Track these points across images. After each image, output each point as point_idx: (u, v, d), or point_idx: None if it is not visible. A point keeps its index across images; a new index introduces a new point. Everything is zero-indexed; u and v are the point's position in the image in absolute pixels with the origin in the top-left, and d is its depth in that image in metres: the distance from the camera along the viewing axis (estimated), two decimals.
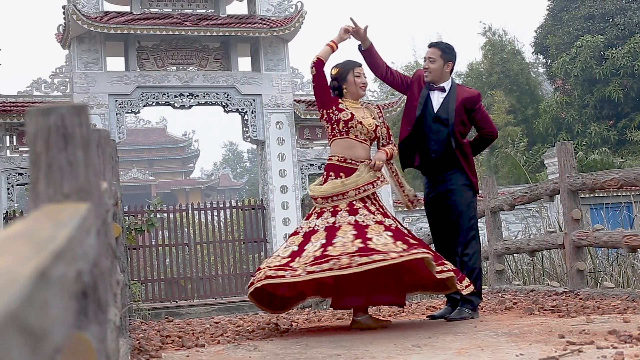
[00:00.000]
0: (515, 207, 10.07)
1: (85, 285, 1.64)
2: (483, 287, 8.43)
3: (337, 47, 7.00)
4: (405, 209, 7.07)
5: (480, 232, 7.40)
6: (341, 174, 6.64)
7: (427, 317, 7.15)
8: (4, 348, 0.84)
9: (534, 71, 42.23)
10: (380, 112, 7.03)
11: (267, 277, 6.16)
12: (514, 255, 11.48)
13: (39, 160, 1.74)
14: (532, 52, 40.23)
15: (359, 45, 7.13)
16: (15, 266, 0.99)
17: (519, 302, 7.72)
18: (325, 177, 6.72)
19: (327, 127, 6.81)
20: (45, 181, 1.74)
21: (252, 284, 6.37)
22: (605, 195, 20.29)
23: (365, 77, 6.93)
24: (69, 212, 1.57)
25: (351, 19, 7.08)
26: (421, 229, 22.55)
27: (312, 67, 6.82)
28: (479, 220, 7.99)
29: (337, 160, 6.73)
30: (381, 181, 6.72)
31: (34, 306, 0.95)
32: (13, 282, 0.92)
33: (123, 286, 4.96)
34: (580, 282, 8.30)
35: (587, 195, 19.20)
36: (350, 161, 6.70)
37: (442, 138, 6.96)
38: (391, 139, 7.01)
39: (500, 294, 9.13)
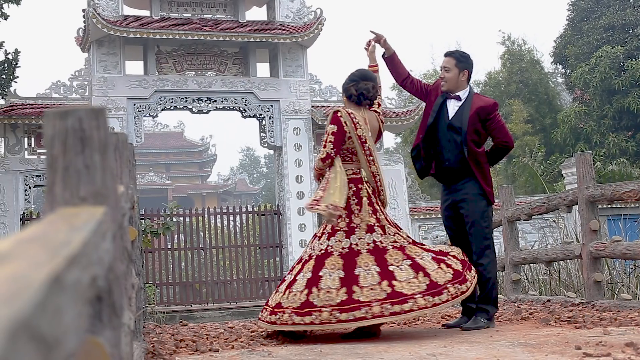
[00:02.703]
0: (533, 217, 10.02)
1: (100, 290, 1.63)
2: (499, 296, 8.39)
3: (376, 66, 7.23)
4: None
5: (496, 241, 7.37)
6: None
7: (443, 325, 7.13)
8: (15, 356, 0.82)
9: (553, 81, 42.04)
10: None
11: (294, 323, 6.18)
12: (531, 265, 11.43)
13: (56, 163, 1.73)
14: (551, 62, 40.03)
15: (383, 53, 7.26)
16: (29, 271, 0.97)
17: (535, 313, 7.68)
18: None
19: None
20: (61, 184, 1.73)
21: (273, 322, 6.36)
22: (623, 206, 20.18)
23: None
24: (85, 216, 1.55)
25: (371, 31, 7.24)
26: (437, 237, 22.50)
27: None
28: (495, 229, 7.95)
29: None
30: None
31: (47, 313, 0.94)
32: (26, 287, 0.91)
33: (138, 290, 4.95)
34: (597, 293, 8.25)
35: (605, 206, 19.10)
36: None
37: (456, 147, 6.94)
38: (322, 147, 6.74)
39: (516, 304, 9.09)
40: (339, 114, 6.69)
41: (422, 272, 6.21)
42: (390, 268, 6.21)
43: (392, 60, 7.24)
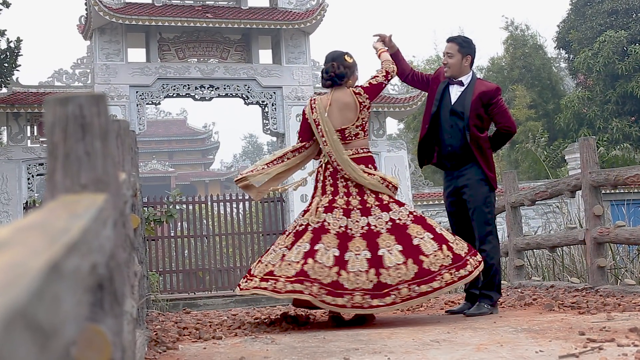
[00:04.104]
0: (536, 203, 10.00)
1: (100, 278, 1.62)
2: (502, 282, 8.39)
3: (383, 48, 7.17)
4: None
5: (500, 227, 7.34)
6: None
7: (446, 312, 7.12)
8: (11, 346, 0.81)
9: (556, 66, 41.96)
10: None
11: (257, 287, 6.30)
12: (534, 250, 11.41)
13: (57, 150, 1.71)
14: (554, 47, 39.97)
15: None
16: (27, 259, 0.96)
17: (539, 298, 7.67)
18: (376, 167, 6.84)
19: (366, 121, 6.80)
20: (62, 171, 1.72)
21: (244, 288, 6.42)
22: (627, 191, 20.18)
23: None
24: (85, 203, 1.54)
25: (375, 35, 7.23)
26: (440, 223, 22.46)
27: (395, 72, 6.99)
28: (499, 215, 7.91)
29: None
30: None
31: (44, 301, 0.92)
32: (23, 275, 0.89)
33: (141, 277, 4.94)
34: (600, 278, 8.24)
35: (608, 192, 19.10)
36: None
37: (458, 132, 6.93)
38: None
39: (519, 290, 9.08)
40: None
41: (374, 270, 6.16)
42: (346, 256, 6.21)
43: (396, 57, 7.20)
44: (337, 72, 6.78)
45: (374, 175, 6.60)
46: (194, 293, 21.89)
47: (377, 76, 6.85)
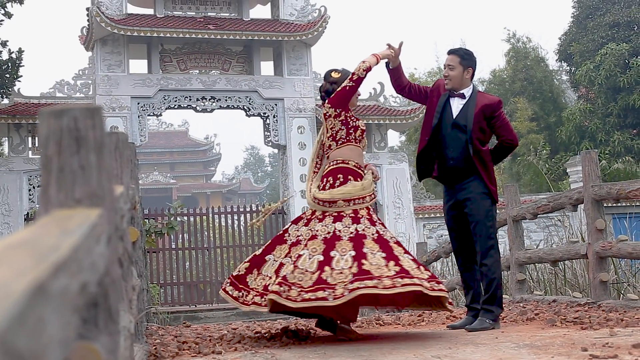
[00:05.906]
0: (538, 216, 9.95)
1: (93, 296, 1.57)
2: (504, 296, 8.33)
3: (379, 62, 6.89)
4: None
5: (501, 240, 7.30)
6: (358, 179, 6.57)
7: (447, 326, 7.08)
8: None
9: (558, 79, 41.97)
10: None
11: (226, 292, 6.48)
12: (536, 264, 11.36)
13: (51, 164, 1.68)
14: (556, 60, 39.98)
15: (387, 63, 7.06)
16: (10, 280, 0.91)
17: (541, 313, 7.62)
18: (340, 179, 6.59)
19: (342, 129, 6.64)
20: (56, 185, 1.68)
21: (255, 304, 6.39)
22: (629, 205, 20.13)
23: None
24: (78, 219, 1.50)
25: (386, 44, 7.07)
26: (442, 236, 22.44)
27: (364, 71, 6.63)
28: (501, 228, 7.86)
29: (354, 165, 6.64)
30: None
31: (26, 326, 0.88)
32: (4, 299, 0.85)
33: (140, 291, 4.90)
34: (603, 293, 8.19)
35: (610, 205, 19.05)
36: (362, 170, 6.71)
37: (460, 145, 6.88)
38: None
39: (521, 304, 9.03)
40: None
41: (329, 267, 6.04)
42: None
43: (397, 71, 7.12)
44: (325, 89, 6.81)
45: (310, 194, 6.61)
46: (195, 305, 21.86)
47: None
